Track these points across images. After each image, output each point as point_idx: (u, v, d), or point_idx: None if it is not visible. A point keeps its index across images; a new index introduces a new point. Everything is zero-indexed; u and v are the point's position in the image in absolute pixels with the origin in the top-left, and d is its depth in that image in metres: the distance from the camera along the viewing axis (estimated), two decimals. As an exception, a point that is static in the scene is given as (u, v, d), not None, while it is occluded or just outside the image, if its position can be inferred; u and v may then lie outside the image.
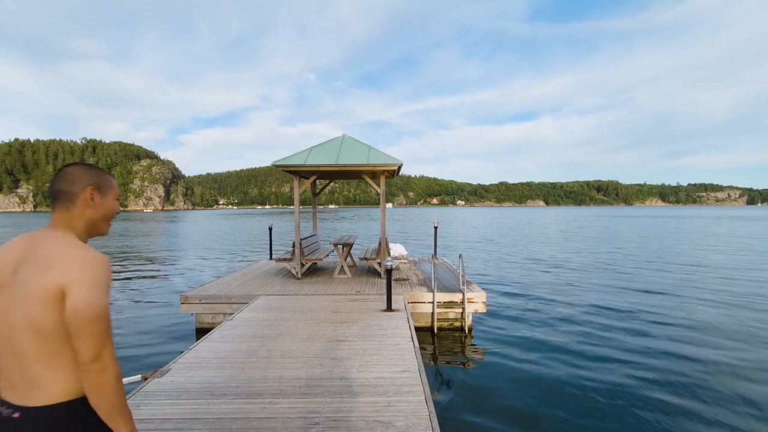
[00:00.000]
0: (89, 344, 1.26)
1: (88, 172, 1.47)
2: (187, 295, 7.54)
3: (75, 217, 1.43)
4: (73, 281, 1.27)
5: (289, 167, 9.12)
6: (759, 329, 7.91)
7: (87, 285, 1.28)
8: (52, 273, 1.27)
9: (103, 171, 1.53)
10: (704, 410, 4.83)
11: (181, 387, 3.85)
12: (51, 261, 1.30)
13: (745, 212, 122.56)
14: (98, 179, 1.49)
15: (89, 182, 1.46)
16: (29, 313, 1.27)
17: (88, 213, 1.46)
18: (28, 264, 1.31)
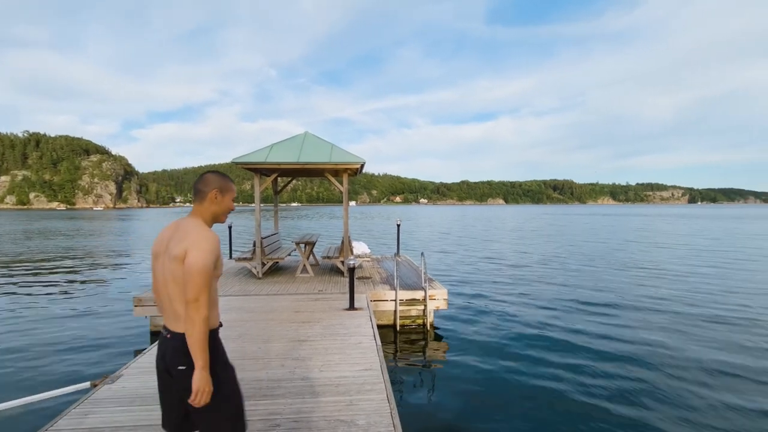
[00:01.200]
0: (192, 289, 1.82)
1: (216, 178, 2.09)
2: (140, 297, 7.23)
3: (204, 209, 2.07)
4: (191, 247, 1.87)
5: (250, 164, 8.91)
6: (696, 325, 8.47)
7: (197, 250, 1.86)
8: (183, 243, 1.90)
9: (228, 178, 2.13)
10: (650, 405, 5.12)
11: (134, 393, 3.70)
12: (184, 236, 1.93)
13: (686, 210, 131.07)
14: (222, 184, 2.10)
15: (216, 186, 2.07)
16: (172, 270, 1.91)
17: (213, 207, 2.08)
18: (173, 239, 1.95)
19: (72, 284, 12.58)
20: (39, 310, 9.33)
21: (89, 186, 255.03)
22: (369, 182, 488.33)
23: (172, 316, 1.96)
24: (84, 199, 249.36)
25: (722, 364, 6.18)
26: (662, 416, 4.68)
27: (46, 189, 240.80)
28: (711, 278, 13.22)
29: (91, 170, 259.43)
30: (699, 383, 5.54)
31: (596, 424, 4.52)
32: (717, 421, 4.56)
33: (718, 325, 8.10)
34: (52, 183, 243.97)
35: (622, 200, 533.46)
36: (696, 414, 4.72)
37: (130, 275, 14.35)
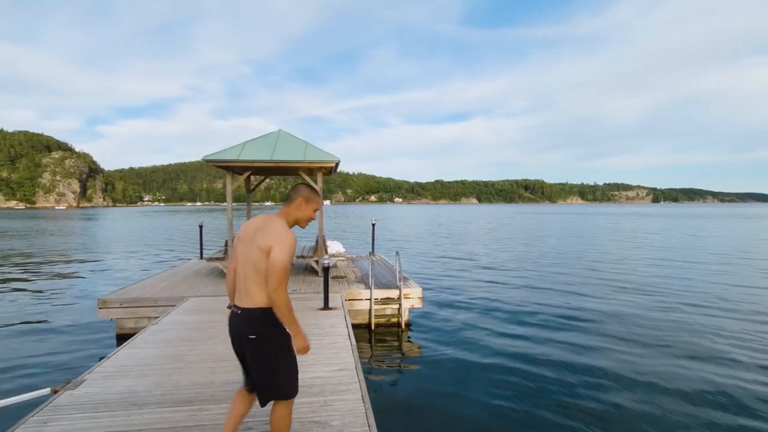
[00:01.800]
0: (273, 280, 2.26)
1: (305, 190, 2.50)
2: (105, 299, 6.96)
3: (290, 212, 2.48)
4: (275, 245, 2.28)
5: (222, 162, 8.72)
6: (651, 319, 8.80)
7: (280, 248, 2.27)
8: (268, 239, 2.31)
9: (315, 191, 2.54)
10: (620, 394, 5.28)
11: (97, 398, 3.55)
12: (270, 232, 2.34)
13: (650, 209, 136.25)
14: (308, 195, 2.50)
15: (303, 195, 2.48)
16: (254, 257, 2.32)
17: (297, 213, 2.49)
18: (260, 231, 2.36)
19: (32, 286, 12.01)
20: (-5, 314, 8.85)
21: (51, 184, 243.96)
22: (344, 181, 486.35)
23: (244, 294, 2.38)
24: (45, 197, 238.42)
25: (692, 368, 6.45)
26: (630, 408, 4.83)
27: (4, 187, 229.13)
28: (675, 278, 13.78)
29: (53, 167, 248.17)
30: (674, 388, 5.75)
31: (570, 421, 4.63)
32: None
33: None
34: (10, 181, 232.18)
35: (590, 200, 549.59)
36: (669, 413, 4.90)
37: (94, 277, 13.82)
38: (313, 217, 2.53)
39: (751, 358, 6.40)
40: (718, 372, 5.87)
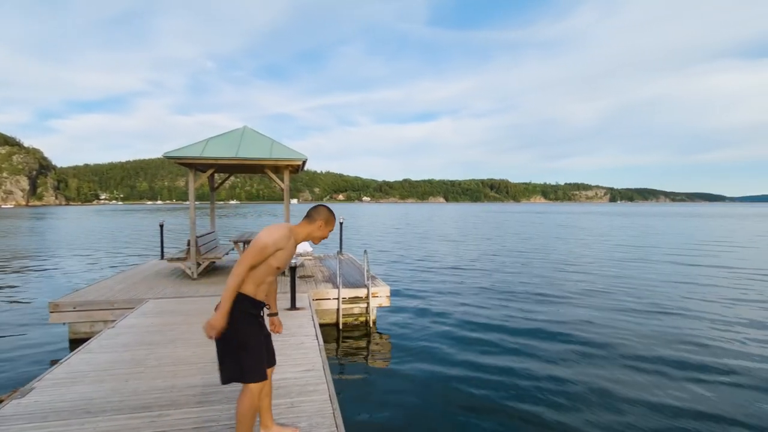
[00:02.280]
0: (244, 255, 2.47)
1: (325, 212, 2.71)
2: (57, 302, 6.59)
3: (307, 227, 2.68)
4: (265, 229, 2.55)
5: (184, 159, 8.42)
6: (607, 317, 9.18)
7: (265, 232, 2.51)
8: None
9: (333, 215, 2.75)
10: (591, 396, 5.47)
11: (48, 407, 3.35)
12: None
13: (608, 209, 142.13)
14: (328, 218, 2.71)
15: (324, 218, 2.69)
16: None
17: (315, 231, 2.70)
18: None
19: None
20: (-68, 321, 8.22)
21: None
22: (311, 180, 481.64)
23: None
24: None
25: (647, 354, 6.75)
26: (592, 414, 5.01)
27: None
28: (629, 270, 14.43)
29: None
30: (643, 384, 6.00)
31: (532, 418, 4.75)
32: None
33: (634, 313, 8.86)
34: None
35: (553, 199, 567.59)
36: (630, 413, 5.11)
37: (44, 279, 13.07)
38: (327, 236, 2.74)
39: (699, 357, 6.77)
40: (669, 373, 6.18)
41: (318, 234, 2.69)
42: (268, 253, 2.48)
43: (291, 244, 2.58)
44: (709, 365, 6.09)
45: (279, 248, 2.50)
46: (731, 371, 5.88)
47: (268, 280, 2.61)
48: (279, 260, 2.54)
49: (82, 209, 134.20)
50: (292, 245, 2.59)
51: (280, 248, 2.50)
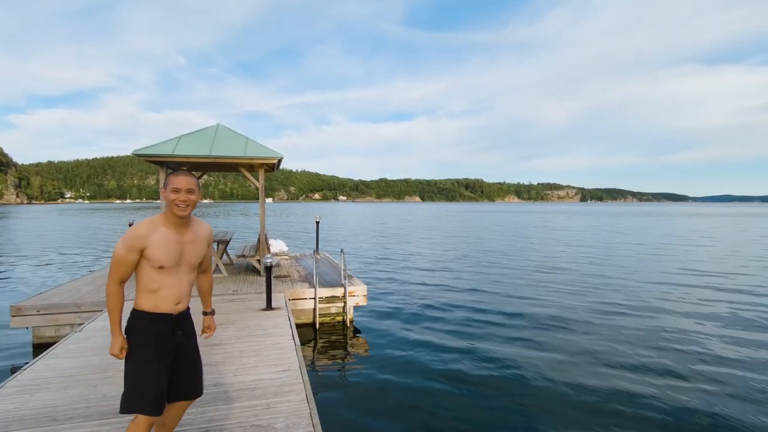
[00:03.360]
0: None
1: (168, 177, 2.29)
2: (20, 305, 6.31)
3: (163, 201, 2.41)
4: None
5: (155, 157, 8.20)
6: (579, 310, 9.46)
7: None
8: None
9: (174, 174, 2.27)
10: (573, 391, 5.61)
11: (10, 415, 3.21)
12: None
13: (579, 208, 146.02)
14: (166, 180, 2.27)
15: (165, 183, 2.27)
16: None
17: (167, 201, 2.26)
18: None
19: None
20: None
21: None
22: (287, 178, 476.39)
23: None
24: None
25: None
26: (566, 410, 5.15)
27: None
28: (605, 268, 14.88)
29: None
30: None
31: (509, 415, 4.84)
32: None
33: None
34: None
35: (526, 198, 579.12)
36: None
37: (5, 282, 12.49)
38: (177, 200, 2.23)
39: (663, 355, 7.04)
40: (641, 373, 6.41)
41: (168, 201, 2.23)
42: (127, 259, 2.16)
43: (161, 232, 2.22)
44: (673, 363, 6.35)
45: (142, 246, 2.16)
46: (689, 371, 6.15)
47: (169, 282, 2.27)
48: (158, 255, 2.19)
49: (46, 208, 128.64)
50: (162, 233, 2.22)
51: (143, 245, 2.17)
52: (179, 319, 2.36)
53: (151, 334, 2.24)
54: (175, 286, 2.30)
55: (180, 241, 2.29)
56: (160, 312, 2.27)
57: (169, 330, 2.30)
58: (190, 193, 2.27)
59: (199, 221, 2.49)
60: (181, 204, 2.24)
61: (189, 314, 2.49)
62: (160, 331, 2.26)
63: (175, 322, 2.33)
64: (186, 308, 2.43)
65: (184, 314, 2.41)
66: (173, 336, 2.32)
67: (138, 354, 2.22)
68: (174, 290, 2.29)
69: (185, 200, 2.24)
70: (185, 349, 2.39)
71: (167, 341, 2.29)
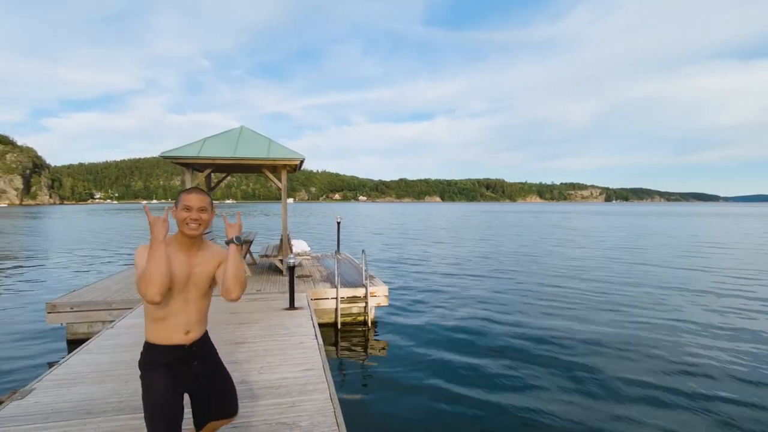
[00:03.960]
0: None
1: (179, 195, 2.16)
2: (54, 302, 6.57)
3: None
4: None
5: (181, 159, 8.41)
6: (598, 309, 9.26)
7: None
8: None
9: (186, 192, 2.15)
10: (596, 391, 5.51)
11: (48, 408, 3.35)
12: None
13: (603, 208, 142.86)
14: (177, 198, 2.14)
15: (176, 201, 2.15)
16: None
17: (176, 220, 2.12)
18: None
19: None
20: (-73, 321, 8.17)
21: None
22: (307, 179, 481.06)
23: None
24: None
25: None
26: (594, 412, 5.05)
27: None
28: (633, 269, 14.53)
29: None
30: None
31: (532, 416, 4.78)
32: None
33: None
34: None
35: (548, 198, 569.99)
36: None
37: (41, 279, 13.00)
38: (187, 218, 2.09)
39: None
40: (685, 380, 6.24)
41: (179, 220, 2.10)
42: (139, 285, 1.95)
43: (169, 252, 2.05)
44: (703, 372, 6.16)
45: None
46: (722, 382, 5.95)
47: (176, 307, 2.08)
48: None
49: (77, 208, 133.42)
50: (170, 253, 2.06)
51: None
52: (193, 349, 2.17)
53: (163, 366, 2.07)
54: (183, 313, 2.11)
55: (187, 263, 2.11)
56: (172, 344, 2.10)
57: (183, 361, 2.13)
58: (202, 212, 2.11)
59: (211, 245, 2.29)
60: (192, 223, 2.09)
61: (205, 340, 2.29)
62: (173, 362, 2.10)
63: (188, 352, 2.15)
64: (200, 336, 2.22)
65: (198, 343, 2.21)
66: (188, 367, 2.15)
67: (155, 393, 2.05)
68: (182, 318, 2.10)
69: (197, 219, 2.09)
70: (204, 377, 2.24)
71: (182, 373, 2.13)
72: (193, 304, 2.15)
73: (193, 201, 2.10)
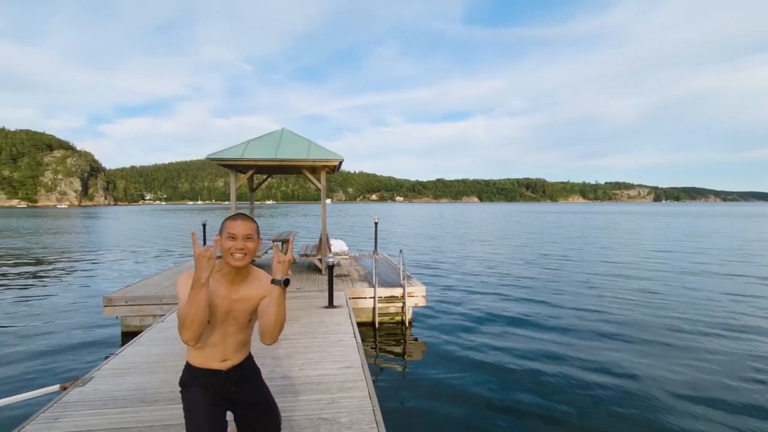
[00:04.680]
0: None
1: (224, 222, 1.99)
2: (110, 296, 6.99)
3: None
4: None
5: (225, 161, 8.73)
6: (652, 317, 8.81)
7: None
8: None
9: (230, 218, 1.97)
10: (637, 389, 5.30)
11: (106, 395, 3.57)
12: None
13: (653, 208, 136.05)
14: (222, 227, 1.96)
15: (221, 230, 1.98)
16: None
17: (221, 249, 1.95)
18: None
19: (38, 284, 12.05)
20: (2, 312, 8.90)
21: (52, 183, 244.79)
22: (345, 180, 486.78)
23: None
24: (47, 196, 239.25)
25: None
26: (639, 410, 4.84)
27: (6, 186, 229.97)
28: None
29: (54, 166, 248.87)
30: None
31: (580, 419, 4.64)
32: (684, 410, 4.76)
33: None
34: (12, 179, 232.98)
35: (592, 198, 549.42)
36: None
37: (99, 274, 13.86)
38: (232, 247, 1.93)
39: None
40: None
41: (224, 251, 1.95)
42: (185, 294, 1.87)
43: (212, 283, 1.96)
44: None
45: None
46: None
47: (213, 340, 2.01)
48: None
49: (130, 209, 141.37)
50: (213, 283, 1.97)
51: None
52: (230, 375, 2.09)
53: (202, 387, 2.03)
54: (220, 345, 2.03)
55: (228, 297, 1.99)
56: (208, 368, 2.04)
57: (219, 386, 2.07)
58: (248, 240, 1.95)
59: (258, 273, 2.11)
60: (238, 253, 1.93)
61: (246, 365, 2.20)
62: (211, 384, 2.05)
63: (225, 377, 2.07)
64: (239, 362, 2.14)
65: (236, 368, 2.12)
66: (225, 391, 2.09)
67: (195, 407, 2.01)
68: (218, 350, 2.03)
69: (242, 248, 1.93)
70: (243, 404, 2.16)
71: (220, 394, 2.08)
72: (232, 337, 2.06)
73: (238, 229, 1.93)
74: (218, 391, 2.06)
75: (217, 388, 2.05)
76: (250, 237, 1.95)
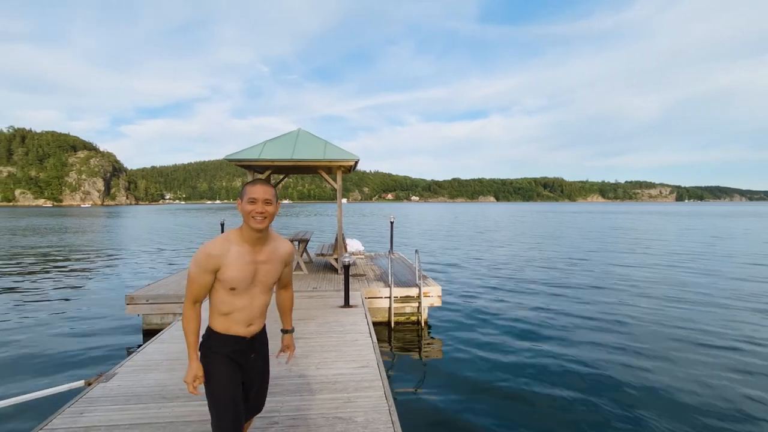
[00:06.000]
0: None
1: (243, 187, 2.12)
2: (132, 295, 7.16)
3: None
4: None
5: (243, 161, 8.85)
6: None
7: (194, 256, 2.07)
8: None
9: (250, 184, 2.09)
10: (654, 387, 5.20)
11: (129, 391, 3.67)
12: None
13: (673, 208, 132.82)
14: (242, 191, 2.09)
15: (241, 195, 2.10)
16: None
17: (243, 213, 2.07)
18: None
19: (62, 282, 12.40)
20: (29, 309, 9.20)
21: (76, 183, 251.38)
22: (360, 179, 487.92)
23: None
24: (71, 195, 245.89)
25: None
26: (653, 411, 4.75)
27: (32, 186, 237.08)
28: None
29: (79, 167, 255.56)
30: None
31: (590, 420, 4.58)
32: (707, 415, 4.65)
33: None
34: (38, 179, 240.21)
35: (611, 198, 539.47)
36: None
37: (121, 273, 14.19)
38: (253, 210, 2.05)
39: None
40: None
41: (245, 214, 2.05)
42: (200, 280, 2.04)
43: (234, 251, 2.06)
44: None
45: (215, 266, 2.02)
46: None
47: (241, 304, 2.12)
48: (230, 277, 2.04)
49: (151, 208, 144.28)
50: (235, 252, 2.06)
51: (216, 266, 2.02)
52: (253, 342, 2.23)
53: (224, 355, 2.13)
54: (248, 309, 2.15)
55: (254, 260, 2.11)
56: (233, 334, 2.15)
57: (242, 353, 2.18)
58: (268, 204, 2.06)
59: (279, 237, 2.29)
60: (258, 216, 2.04)
61: (263, 334, 2.35)
62: (233, 352, 2.15)
63: (249, 344, 2.21)
64: (260, 329, 2.28)
65: (257, 336, 2.27)
66: (246, 358, 2.21)
67: (217, 379, 2.12)
68: (246, 313, 2.14)
69: (262, 212, 2.04)
70: (255, 371, 2.28)
71: (241, 362, 2.18)
72: (258, 299, 2.17)
73: (258, 193, 2.05)
74: (239, 359, 2.17)
75: (239, 356, 2.17)
76: (269, 201, 2.07)
